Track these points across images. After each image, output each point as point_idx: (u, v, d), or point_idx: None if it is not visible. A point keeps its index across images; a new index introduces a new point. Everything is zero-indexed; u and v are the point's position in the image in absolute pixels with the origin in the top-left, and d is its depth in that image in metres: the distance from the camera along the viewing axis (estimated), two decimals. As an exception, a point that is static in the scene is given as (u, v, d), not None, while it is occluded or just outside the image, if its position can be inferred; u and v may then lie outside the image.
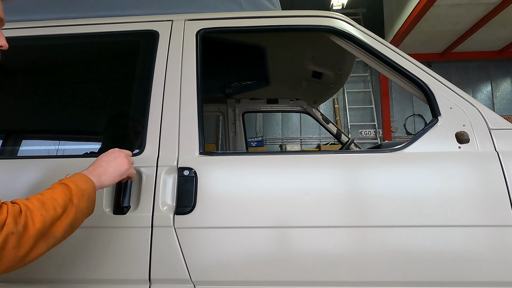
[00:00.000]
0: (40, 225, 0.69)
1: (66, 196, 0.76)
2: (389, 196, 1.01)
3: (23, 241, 0.66)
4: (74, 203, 0.76)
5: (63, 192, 0.76)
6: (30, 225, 0.67)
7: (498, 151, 1.05)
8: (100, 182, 0.86)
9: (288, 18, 1.28)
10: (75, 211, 0.76)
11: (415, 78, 1.16)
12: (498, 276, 0.96)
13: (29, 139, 1.28)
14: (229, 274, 1.00)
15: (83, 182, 0.81)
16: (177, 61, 1.22)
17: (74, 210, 0.76)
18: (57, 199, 0.74)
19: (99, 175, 0.87)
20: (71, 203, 0.76)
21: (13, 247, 0.64)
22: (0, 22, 0.81)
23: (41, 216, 0.69)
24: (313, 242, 1.00)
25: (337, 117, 7.33)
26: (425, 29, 6.02)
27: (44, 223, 0.70)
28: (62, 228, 0.74)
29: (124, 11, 1.39)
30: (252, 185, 1.05)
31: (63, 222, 0.74)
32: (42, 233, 0.70)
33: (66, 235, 0.77)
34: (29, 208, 0.69)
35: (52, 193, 0.75)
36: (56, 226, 0.73)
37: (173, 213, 1.03)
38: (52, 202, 0.73)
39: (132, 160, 0.98)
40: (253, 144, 6.81)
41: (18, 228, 0.65)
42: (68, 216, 0.75)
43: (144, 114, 1.15)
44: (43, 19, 1.37)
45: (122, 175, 0.92)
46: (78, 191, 0.78)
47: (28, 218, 0.68)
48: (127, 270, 1.01)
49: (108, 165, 0.90)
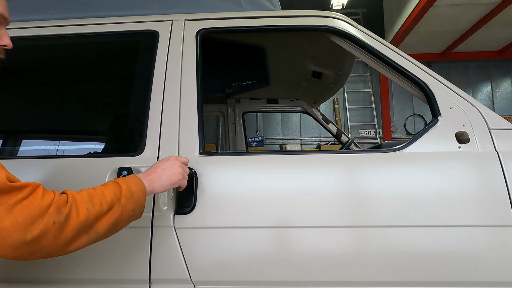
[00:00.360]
0: (84, 217, 0.70)
1: (115, 195, 0.77)
2: (389, 196, 1.01)
3: (65, 232, 0.67)
4: (121, 203, 0.77)
5: (113, 191, 0.78)
6: (73, 216, 0.69)
7: (498, 151, 1.05)
8: (151, 187, 0.87)
9: (288, 18, 1.28)
10: (120, 211, 0.77)
11: (415, 78, 1.16)
12: (498, 276, 0.96)
13: (29, 139, 1.28)
14: (229, 274, 1.00)
15: (135, 185, 0.83)
16: (177, 61, 1.22)
17: (120, 210, 0.77)
18: (106, 196, 0.76)
19: (152, 181, 0.88)
20: (118, 202, 0.77)
21: (54, 236, 0.66)
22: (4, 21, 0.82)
23: (86, 209, 0.71)
24: (313, 242, 1.00)
25: (337, 117, 7.33)
26: (425, 29, 6.02)
27: (88, 216, 0.71)
28: (105, 225, 0.75)
29: (124, 11, 1.39)
30: (252, 185, 1.05)
31: (108, 220, 0.75)
32: (85, 226, 0.71)
33: (108, 233, 0.77)
34: (75, 200, 0.71)
35: (103, 189, 0.77)
36: (100, 223, 0.74)
37: (173, 213, 1.03)
38: (100, 198, 0.74)
39: (187, 169, 0.98)
40: (253, 144, 6.81)
41: (61, 218, 0.66)
42: (114, 215, 0.76)
43: (144, 114, 1.15)
44: (43, 19, 1.37)
45: (174, 185, 0.92)
46: (128, 192, 0.79)
47: (73, 209, 0.69)
48: (127, 270, 1.01)
49: (163, 172, 0.90)
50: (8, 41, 0.82)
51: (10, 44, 0.82)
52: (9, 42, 0.82)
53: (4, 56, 0.83)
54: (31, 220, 0.63)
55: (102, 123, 1.29)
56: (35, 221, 0.63)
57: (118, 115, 1.28)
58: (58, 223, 0.66)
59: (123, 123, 1.25)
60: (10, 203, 0.62)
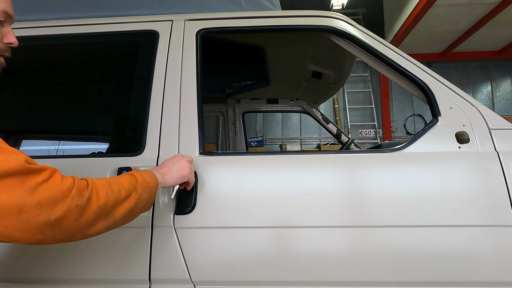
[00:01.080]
0: (104, 201, 0.72)
1: (131, 184, 0.80)
2: (389, 196, 1.01)
3: (85, 214, 0.69)
4: (138, 192, 0.80)
5: (130, 180, 0.80)
6: (94, 200, 0.70)
7: (498, 151, 1.05)
8: (164, 179, 0.91)
9: (288, 18, 1.28)
10: (137, 199, 0.80)
11: (415, 78, 1.16)
12: (498, 276, 0.96)
13: (29, 139, 1.28)
14: (229, 274, 1.00)
15: (149, 176, 0.86)
16: (177, 61, 1.22)
17: (137, 197, 0.79)
18: (124, 183, 0.78)
19: (164, 174, 0.91)
20: (135, 190, 0.80)
21: (75, 218, 0.67)
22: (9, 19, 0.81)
23: (106, 194, 0.72)
24: (313, 242, 1.00)
25: (337, 117, 7.33)
26: (425, 29, 6.02)
27: (107, 201, 0.73)
28: (123, 211, 0.77)
29: (124, 11, 1.39)
30: (252, 185, 1.05)
31: (125, 206, 0.77)
32: (104, 210, 0.72)
33: (125, 220, 0.79)
34: (95, 185, 0.72)
35: (120, 178, 0.80)
36: (119, 208, 0.76)
37: (173, 213, 1.03)
38: (119, 185, 0.77)
39: (193, 167, 1.00)
40: (253, 144, 6.81)
41: (82, 201, 0.68)
42: (131, 202, 0.78)
43: (144, 114, 1.15)
44: (43, 19, 1.37)
45: (184, 178, 0.95)
46: (143, 182, 0.82)
47: (94, 192, 0.71)
48: (127, 270, 1.01)
49: (172, 166, 0.94)
50: (13, 39, 0.82)
51: (16, 42, 0.82)
52: (15, 40, 0.82)
53: (9, 54, 0.83)
54: (54, 201, 0.64)
55: (102, 123, 1.29)
56: (58, 203, 0.64)
57: (118, 115, 1.28)
58: (80, 206, 0.67)
59: (123, 123, 1.25)
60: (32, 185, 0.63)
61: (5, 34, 0.81)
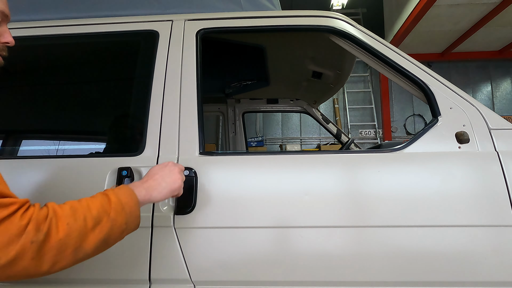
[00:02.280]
0: (64, 234, 0.63)
1: (102, 208, 0.70)
2: (389, 196, 1.01)
3: (43, 251, 0.60)
4: (111, 217, 0.70)
5: (101, 204, 0.71)
6: (53, 233, 0.62)
7: (498, 151, 1.05)
8: (149, 195, 0.81)
9: (288, 18, 1.28)
10: (110, 226, 0.70)
11: (415, 78, 1.16)
12: (498, 276, 0.96)
13: (28, 139, 1.27)
14: (229, 274, 1.00)
15: (126, 196, 0.75)
16: (177, 61, 1.22)
17: (110, 224, 0.70)
18: (92, 209, 0.68)
19: (150, 189, 0.82)
20: (107, 216, 0.70)
21: (32, 257, 0.59)
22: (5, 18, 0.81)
23: (67, 225, 0.63)
24: (313, 242, 1.00)
25: (337, 117, 7.33)
26: (425, 29, 6.02)
27: (70, 233, 0.63)
28: (93, 241, 0.67)
29: (124, 11, 1.39)
30: (252, 185, 1.05)
31: (96, 236, 0.67)
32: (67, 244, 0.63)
33: (98, 251, 0.70)
34: (56, 215, 0.64)
35: (89, 202, 0.70)
36: (87, 240, 0.66)
37: (173, 213, 1.03)
38: (85, 212, 0.67)
39: (183, 176, 0.92)
40: (253, 144, 6.80)
41: (39, 237, 0.60)
42: (102, 230, 0.68)
43: (144, 114, 1.15)
44: (43, 19, 1.37)
45: (173, 192, 0.86)
46: (117, 205, 0.72)
47: (52, 225, 0.62)
48: (127, 270, 1.01)
49: (162, 179, 0.84)
50: (10, 38, 0.81)
51: (12, 41, 0.82)
52: (11, 39, 0.81)
53: (6, 54, 0.83)
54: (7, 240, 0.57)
55: (102, 123, 1.29)
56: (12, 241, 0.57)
57: (118, 115, 1.28)
58: (37, 242, 0.59)
59: (123, 123, 1.25)
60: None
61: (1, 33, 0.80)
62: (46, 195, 1.06)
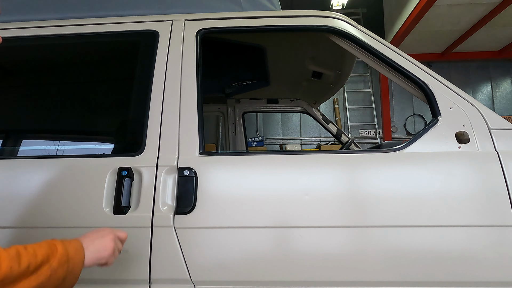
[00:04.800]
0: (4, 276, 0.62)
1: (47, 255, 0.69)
2: (389, 196, 1.01)
3: None
4: (52, 266, 0.69)
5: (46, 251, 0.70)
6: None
7: (498, 151, 1.05)
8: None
9: (288, 18, 1.28)
10: (49, 275, 0.69)
11: (415, 78, 1.16)
12: (498, 276, 0.96)
13: (29, 139, 1.27)
14: (229, 274, 1.00)
15: (74, 251, 0.74)
16: (177, 61, 1.22)
17: (49, 273, 0.69)
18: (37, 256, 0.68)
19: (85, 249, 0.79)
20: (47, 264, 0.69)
21: None
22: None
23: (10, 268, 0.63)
24: (313, 242, 1.00)
25: (337, 117, 7.33)
26: (425, 29, 6.01)
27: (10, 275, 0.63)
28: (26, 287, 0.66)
29: (124, 11, 1.39)
30: (252, 185, 1.05)
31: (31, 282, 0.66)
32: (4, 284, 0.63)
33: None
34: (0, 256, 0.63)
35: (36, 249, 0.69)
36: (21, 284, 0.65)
37: (173, 213, 1.03)
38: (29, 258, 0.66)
39: (120, 245, 0.89)
40: (253, 144, 6.80)
41: None
42: (39, 277, 0.67)
43: (144, 114, 1.15)
44: (43, 19, 1.37)
45: (100, 260, 0.82)
46: (63, 256, 0.71)
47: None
48: (127, 270, 1.01)
49: (91, 242, 0.81)
50: None
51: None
52: None
53: None
54: None
55: (102, 123, 1.29)
56: None
57: (118, 115, 1.28)
58: None
59: (123, 123, 1.25)
60: None
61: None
62: (46, 195, 1.06)
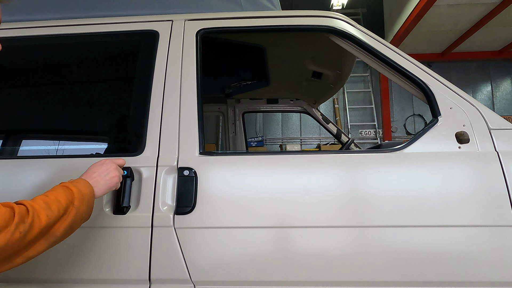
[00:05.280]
0: (45, 223, 0.73)
1: (68, 199, 0.80)
2: (389, 196, 1.01)
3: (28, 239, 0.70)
4: (75, 205, 0.80)
5: (66, 195, 0.80)
6: (36, 224, 0.71)
7: (498, 151, 1.05)
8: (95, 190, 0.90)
9: (288, 18, 1.28)
10: (75, 213, 0.80)
11: (415, 78, 1.16)
12: (498, 276, 0.96)
13: (29, 139, 1.28)
14: (229, 274, 1.00)
15: (85, 187, 0.85)
16: (177, 61, 1.22)
17: (75, 212, 0.80)
18: (61, 201, 0.78)
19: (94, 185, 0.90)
20: (72, 205, 0.80)
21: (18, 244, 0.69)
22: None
23: (46, 216, 0.73)
24: (313, 242, 1.00)
25: (337, 117, 7.33)
26: (425, 29, 6.02)
27: (49, 222, 0.74)
28: (62, 228, 0.78)
29: (124, 11, 1.39)
30: (252, 185, 1.05)
31: (64, 223, 0.78)
32: (45, 231, 0.74)
33: (65, 235, 0.81)
34: (35, 208, 0.73)
35: (56, 195, 0.79)
36: (57, 226, 0.77)
37: (173, 213, 1.03)
38: (57, 204, 0.77)
39: (121, 170, 1.00)
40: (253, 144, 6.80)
41: (25, 227, 0.69)
42: (69, 217, 0.79)
43: (144, 114, 1.15)
44: (43, 19, 1.37)
45: (111, 188, 0.94)
46: (79, 195, 0.82)
47: (35, 217, 0.72)
48: (127, 270, 1.01)
49: (100, 177, 0.92)
50: None
51: None
52: None
53: None
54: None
55: (102, 123, 1.29)
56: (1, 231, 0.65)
57: (118, 115, 1.28)
58: (23, 232, 0.69)
59: (123, 123, 1.25)
60: None
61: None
62: (46, 195, 1.06)
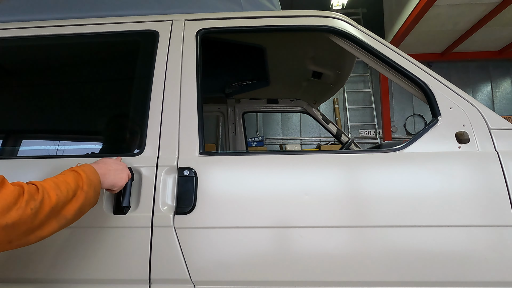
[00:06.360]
0: (55, 202, 0.74)
1: (76, 182, 0.82)
2: (389, 196, 1.01)
3: (39, 217, 0.71)
4: (84, 190, 0.83)
5: (75, 178, 0.83)
6: (46, 202, 0.73)
7: (498, 151, 1.05)
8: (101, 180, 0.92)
9: (288, 18, 1.28)
10: (84, 197, 0.82)
11: (415, 78, 1.16)
12: (498, 276, 0.96)
13: (29, 139, 1.28)
14: (229, 274, 1.00)
15: (92, 174, 0.88)
16: (177, 61, 1.22)
17: (84, 195, 0.82)
18: (70, 183, 0.80)
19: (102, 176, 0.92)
20: (80, 189, 0.82)
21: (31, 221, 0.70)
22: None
23: (56, 195, 0.75)
24: (313, 242, 1.00)
25: (337, 117, 7.33)
26: (425, 29, 6.02)
27: (58, 201, 0.75)
28: (73, 210, 0.80)
29: (124, 11, 1.39)
30: (252, 185, 1.05)
31: (74, 205, 0.80)
32: (55, 211, 0.75)
33: (75, 218, 0.83)
34: (45, 187, 0.75)
35: (65, 177, 0.81)
36: (68, 208, 0.79)
37: (173, 213, 1.03)
38: (66, 185, 0.79)
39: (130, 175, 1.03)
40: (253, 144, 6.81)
41: (36, 204, 0.70)
42: (78, 200, 0.81)
43: (144, 114, 1.15)
44: (43, 19, 1.37)
45: (114, 186, 0.97)
46: (88, 180, 0.84)
47: (45, 195, 0.73)
48: (127, 270, 1.01)
49: (109, 172, 0.95)
50: None
51: None
52: None
53: None
54: (7, 207, 0.66)
55: (102, 123, 1.29)
56: (11, 208, 0.66)
57: (118, 115, 1.28)
58: (35, 209, 0.70)
59: (123, 123, 1.25)
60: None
61: None
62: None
